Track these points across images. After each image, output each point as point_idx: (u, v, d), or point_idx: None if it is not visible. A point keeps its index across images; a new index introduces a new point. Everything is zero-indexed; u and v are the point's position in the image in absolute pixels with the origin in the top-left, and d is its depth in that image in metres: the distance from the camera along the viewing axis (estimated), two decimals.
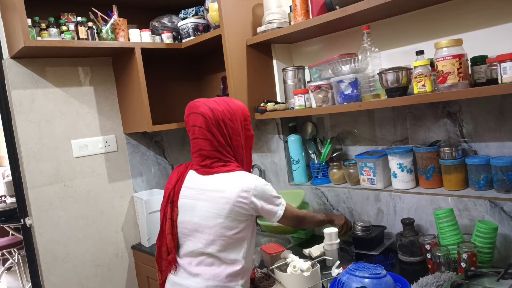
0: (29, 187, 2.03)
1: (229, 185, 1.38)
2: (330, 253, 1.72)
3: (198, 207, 1.42)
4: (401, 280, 1.34)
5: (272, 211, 1.44)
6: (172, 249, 1.45)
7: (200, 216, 1.41)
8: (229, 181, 1.39)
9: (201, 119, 1.39)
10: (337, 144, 2.04)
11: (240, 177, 1.40)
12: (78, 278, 2.17)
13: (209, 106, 1.41)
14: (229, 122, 1.42)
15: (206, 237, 1.40)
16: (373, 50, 1.70)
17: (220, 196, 1.38)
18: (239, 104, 1.49)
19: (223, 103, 1.44)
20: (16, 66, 2.02)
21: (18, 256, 4.23)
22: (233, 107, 1.44)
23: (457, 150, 1.57)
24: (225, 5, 1.96)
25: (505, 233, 1.47)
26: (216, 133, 1.40)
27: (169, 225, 1.46)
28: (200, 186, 1.43)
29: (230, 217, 1.37)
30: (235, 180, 1.39)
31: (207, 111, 1.39)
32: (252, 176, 1.42)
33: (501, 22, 1.45)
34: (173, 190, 1.48)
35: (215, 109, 1.40)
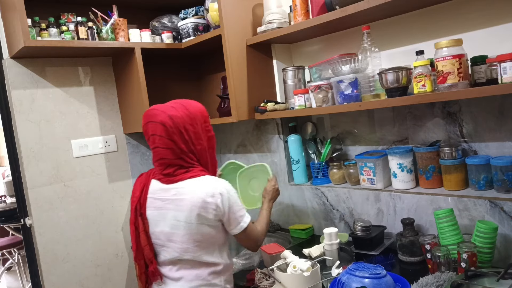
0: (29, 187, 2.03)
1: (194, 191, 1.37)
2: (330, 253, 1.72)
3: (167, 216, 1.40)
4: (401, 280, 1.34)
5: (236, 221, 1.43)
6: (152, 259, 1.44)
7: (170, 225, 1.40)
8: (194, 187, 1.37)
9: (161, 128, 1.36)
10: (337, 144, 2.04)
11: (205, 182, 1.39)
12: (78, 278, 2.17)
13: (168, 113, 1.37)
14: (190, 127, 1.39)
15: (179, 246, 1.40)
16: (373, 50, 1.70)
17: (187, 204, 1.36)
18: (198, 106, 1.46)
19: (182, 108, 1.41)
20: (16, 66, 2.02)
21: (18, 256, 4.23)
22: (192, 111, 1.42)
23: (457, 150, 1.57)
24: (225, 5, 1.97)
25: (505, 233, 1.47)
26: (178, 141, 1.37)
27: (144, 237, 1.44)
28: (165, 196, 1.41)
29: (199, 223, 1.37)
30: (200, 186, 1.37)
31: (166, 120, 1.36)
32: (218, 181, 1.41)
33: (501, 22, 1.45)
34: (139, 202, 1.46)
35: (174, 116, 1.37)
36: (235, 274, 1.77)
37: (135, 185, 1.52)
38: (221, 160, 2.70)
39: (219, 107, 2.32)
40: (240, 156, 2.54)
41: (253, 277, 1.66)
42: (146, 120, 1.41)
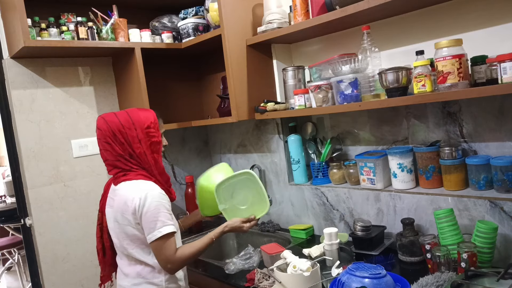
0: (29, 187, 2.03)
1: (123, 193, 1.46)
2: (330, 253, 1.72)
3: (111, 215, 1.52)
4: (401, 280, 1.34)
5: (148, 228, 1.42)
6: (99, 251, 1.62)
7: (113, 223, 1.52)
8: (124, 189, 1.47)
9: (98, 132, 1.49)
10: (337, 144, 2.04)
11: (133, 185, 1.46)
12: (78, 278, 2.17)
13: (105, 119, 1.49)
14: (126, 130, 1.47)
15: (122, 242, 1.51)
16: (373, 50, 1.70)
17: (117, 204, 1.48)
18: (143, 114, 1.52)
19: (122, 114, 1.51)
20: (16, 66, 2.02)
21: (18, 256, 4.23)
22: (133, 116, 1.50)
23: (457, 150, 1.57)
24: (225, 5, 1.96)
25: (505, 233, 1.47)
26: (112, 143, 1.47)
27: (98, 230, 1.62)
28: (112, 196, 1.54)
29: (125, 224, 1.47)
30: (128, 189, 1.46)
31: (102, 124, 1.48)
32: (145, 185, 1.46)
33: (501, 22, 1.45)
34: (102, 200, 1.62)
35: (109, 121, 1.48)
36: (235, 274, 1.77)
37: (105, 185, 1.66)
38: (221, 160, 2.70)
39: (219, 107, 2.32)
40: (240, 156, 2.54)
41: (253, 277, 1.66)
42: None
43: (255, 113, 2.07)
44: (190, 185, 2.52)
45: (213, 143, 2.75)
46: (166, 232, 1.41)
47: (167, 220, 1.43)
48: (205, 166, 2.77)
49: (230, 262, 1.84)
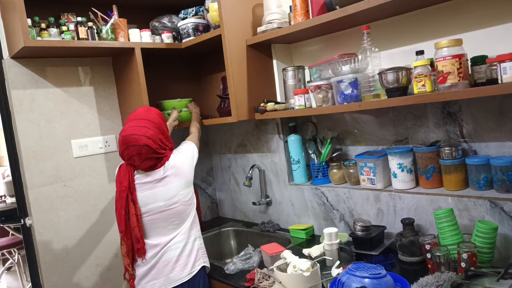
0: (29, 187, 2.03)
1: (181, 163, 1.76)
2: (330, 253, 1.72)
3: (159, 194, 1.70)
4: (401, 280, 1.34)
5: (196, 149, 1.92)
6: (140, 238, 1.68)
7: (164, 198, 1.70)
8: (175, 162, 1.74)
9: (146, 149, 1.65)
10: (337, 144, 2.04)
11: (181, 153, 1.81)
12: (78, 278, 2.17)
13: (145, 136, 1.65)
14: (162, 136, 1.73)
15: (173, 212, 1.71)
16: (373, 50, 1.70)
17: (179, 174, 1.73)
18: (156, 114, 1.77)
19: (150, 124, 1.70)
20: (16, 66, 2.02)
21: (18, 256, 4.23)
22: (157, 123, 1.74)
23: (457, 150, 1.57)
24: (225, 5, 1.97)
25: (505, 233, 1.47)
26: (159, 151, 1.70)
27: (134, 219, 1.68)
28: (154, 177, 1.71)
29: (188, 186, 1.77)
30: (180, 157, 1.78)
31: (147, 141, 1.65)
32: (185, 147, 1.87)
33: (501, 22, 1.45)
34: (129, 191, 1.70)
35: (151, 136, 1.67)
36: (235, 274, 1.78)
37: (119, 176, 1.75)
38: (221, 161, 2.70)
39: (219, 107, 2.32)
40: (240, 156, 2.54)
41: (253, 277, 1.66)
42: (126, 145, 1.66)
43: (255, 113, 2.07)
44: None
45: (213, 143, 2.75)
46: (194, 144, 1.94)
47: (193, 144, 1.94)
48: (205, 166, 2.77)
49: (230, 262, 1.84)
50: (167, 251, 1.70)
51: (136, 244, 1.69)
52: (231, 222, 2.62)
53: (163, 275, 1.69)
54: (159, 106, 2.38)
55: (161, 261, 1.70)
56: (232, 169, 2.63)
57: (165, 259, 1.70)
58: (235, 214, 2.68)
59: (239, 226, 2.52)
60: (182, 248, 1.72)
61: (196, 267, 1.74)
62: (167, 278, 1.68)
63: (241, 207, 2.62)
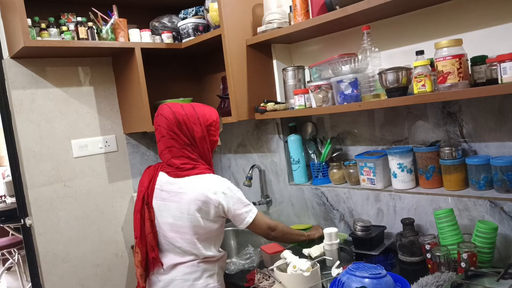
0: (29, 187, 2.04)
1: (198, 186, 1.49)
2: (330, 253, 1.72)
3: (171, 208, 1.52)
4: (401, 280, 1.34)
5: (241, 217, 1.55)
6: (154, 247, 1.54)
7: (173, 216, 1.52)
8: (199, 183, 1.50)
9: (164, 120, 1.52)
10: (337, 144, 2.04)
11: (209, 179, 1.52)
12: (78, 278, 2.17)
13: (172, 109, 1.53)
14: (190, 124, 1.52)
15: (180, 236, 1.52)
16: (373, 50, 1.70)
17: (190, 197, 1.49)
18: (207, 110, 1.58)
19: (189, 107, 1.55)
20: (16, 66, 2.02)
21: (18, 256, 4.23)
22: (198, 112, 1.55)
23: (457, 150, 1.57)
24: (225, 5, 1.96)
25: (505, 233, 1.47)
26: (179, 133, 1.51)
27: (149, 225, 1.54)
28: (172, 188, 1.53)
29: (200, 217, 1.50)
30: (204, 182, 1.50)
31: (169, 114, 1.52)
32: (222, 179, 1.54)
33: (501, 22, 1.45)
34: (147, 192, 1.57)
35: (176, 112, 1.52)
36: (235, 274, 1.78)
37: (143, 176, 1.63)
38: (221, 161, 2.70)
39: (219, 107, 2.32)
40: (240, 156, 2.54)
41: (253, 277, 1.66)
42: (157, 113, 1.56)
43: (255, 113, 2.07)
44: None
45: None
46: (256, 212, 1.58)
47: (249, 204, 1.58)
48: None
49: (230, 262, 1.84)
50: (175, 280, 1.53)
51: (151, 253, 1.53)
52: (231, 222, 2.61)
53: None
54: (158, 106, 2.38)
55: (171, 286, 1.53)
56: (232, 169, 2.63)
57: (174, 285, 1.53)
58: None
59: None
60: (192, 282, 1.52)
61: None
62: None
63: None
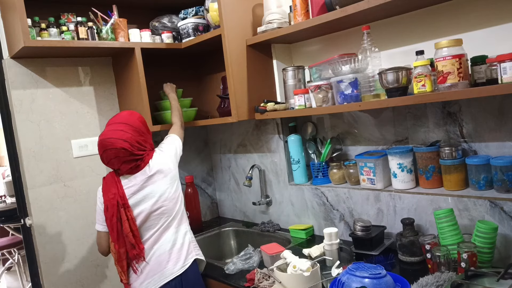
0: (29, 187, 2.03)
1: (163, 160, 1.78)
2: (330, 253, 1.72)
3: (149, 194, 1.71)
4: (401, 280, 1.34)
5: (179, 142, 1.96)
6: (135, 244, 1.68)
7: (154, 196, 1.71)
8: (159, 160, 1.77)
9: (123, 152, 1.66)
10: (337, 144, 2.04)
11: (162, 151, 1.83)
12: (78, 278, 2.17)
13: (122, 139, 1.66)
14: (140, 137, 1.74)
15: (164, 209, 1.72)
16: (373, 50, 1.70)
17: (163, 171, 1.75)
18: (135, 117, 1.77)
19: (128, 128, 1.71)
20: (16, 66, 2.02)
21: (18, 256, 4.23)
22: (135, 126, 1.73)
23: (457, 150, 1.57)
24: (225, 5, 1.96)
25: (505, 233, 1.47)
26: (137, 153, 1.70)
27: (127, 225, 1.67)
28: (141, 178, 1.72)
29: (174, 180, 1.79)
30: (162, 154, 1.80)
31: (123, 144, 1.66)
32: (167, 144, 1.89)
33: (501, 22, 1.45)
34: (118, 196, 1.69)
35: (128, 139, 1.68)
36: (235, 274, 1.78)
37: (105, 187, 1.74)
38: (221, 161, 2.70)
39: (219, 107, 2.32)
40: (240, 156, 2.54)
41: (253, 277, 1.66)
42: (104, 148, 1.67)
43: (255, 113, 2.07)
44: (190, 185, 2.53)
45: (213, 143, 2.75)
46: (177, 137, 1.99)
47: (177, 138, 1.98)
48: (205, 166, 2.77)
49: (230, 262, 1.84)
50: (160, 248, 1.71)
51: (132, 250, 1.68)
52: (231, 222, 2.62)
53: (157, 272, 1.69)
54: (158, 106, 2.38)
55: (154, 259, 1.70)
56: (232, 169, 2.63)
57: (158, 256, 1.70)
58: (235, 214, 2.68)
59: (239, 226, 2.52)
60: (173, 243, 1.73)
61: (188, 260, 1.74)
62: (161, 274, 1.69)
63: (241, 207, 2.62)
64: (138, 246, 1.68)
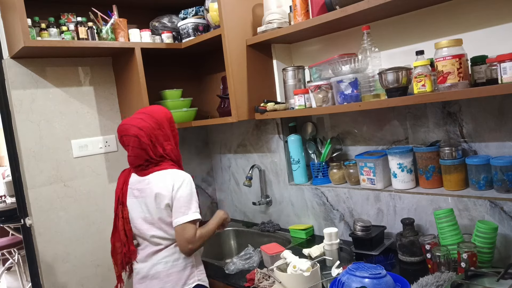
0: (29, 187, 2.03)
1: (161, 180, 1.60)
2: (330, 253, 1.72)
3: (142, 203, 1.63)
4: (401, 280, 1.34)
5: (180, 210, 1.58)
6: (126, 242, 1.67)
7: (145, 210, 1.63)
8: (161, 178, 1.61)
9: (134, 139, 1.59)
10: (337, 144, 2.04)
11: (169, 173, 1.62)
12: (78, 278, 2.17)
13: (137, 126, 1.60)
14: (158, 132, 1.63)
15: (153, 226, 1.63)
16: (373, 50, 1.70)
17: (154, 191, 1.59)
18: (162, 111, 1.68)
19: (148, 118, 1.63)
20: (16, 66, 2.02)
21: (18, 256, 4.23)
22: (158, 118, 1.65)
23: (457, 150, 1.57)
24: (225, 5, 1.96)
25: (505, 233, 1.47)
26: (148, 150, 1.61)
27: (121, 222, 1.67)
28: (141, 186, 1.65)
29: (164, 208, 1.60)
30: (166, 176, 1.61)
31: (138, 132, 1.59)
32: (181, 174, 1.63)
33: (501, 22, 1.45)
34: (121, 192, 1.69)
35: (144, 127, 1.60)
36: (235, 274, 1.78)
37: (119, 179, 1.75)
38: (221, 161, 2.70)
39: (219, 107, 2.32)
40: (240, 156, 2.54)
41: (253, 277, 1.66)
42: (120, 134, 1.64)
43: (255, 113, 2.07)
44: None
45: (213, 143, 2.75)
46: (195, 218, 1.59)
47: (197, 207, 1.61)
48: (205, 166, 2.77)
49: (230, 262, 1.84)
50: (157, 264, 1.63)
51: (123, 248, 1.68)
52: (231, 222, 2.62)
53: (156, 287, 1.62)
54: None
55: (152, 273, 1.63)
56: (232, 169, 2.63)
57: (155, 271, 1.63)
58: (235, 214, 2.68)
59: (239, 226, 2.52)
60: (172, 263, 1.63)
61: (189, 285, 1.63)
62: None
63: (241, 207, 2.62)
64: (128, 246, 1.67)
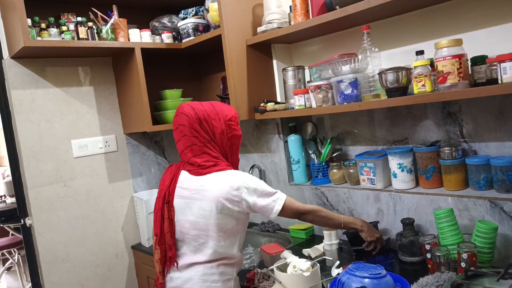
0: (29, 187, 2.04)
1: (221, 183, 1.45)
2: (330, 253, 1.72)
3: (193, 206, 1.48)
4: (401, 280, 1.34)
5: (268, 207, 1.49)
6: (172, 246, 1.51)
7: (196, 214, 1.47)
8: (221, 179, 1.46)
9: (185, 118, 1.49)
10: (337, 144, 2.04)
11: (231, 175, 1.48)
12: (78, 278, 2.17)
13: (192, 106, 1.51)
14: (211, 120, 1.50)
15: (203, 233, 1.47)
16: (373, 50, 1.70)
17: (213, 195, 1.44)
18: (226, 107, 1.56)
19: (208, 105, 1.54)
20: (16, 66, 2.02)
21: (18, 256, 4.23)
22: (217, 108, 1.53)
23: (457, 150, 1.57)
24: (225, 5, 1.96)
25: (505, 233, 1.47)
26: (200, 130, 1.49)
27: (167, 224, 1.51)
28: (194, 186, 1.50)
29: (224, 214, 1.45)
30: (227, 179, 1.46)
31: (189, 111, 1.50)
32: (243, 174, 1.49)
33: (501, 22, 1.45)
34: (168, 190, 1.54)
35: (196, 108, 1.51)
36: None
37: (165, 174, 1.61)
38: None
39: None
40: (240, 156, 2.54)
41: (253, 277, 1.66)
42: (176, 113, 1.54)
43: (255, 113, 2.07)
44: None
45: None
46: (285, 197, 1.52)
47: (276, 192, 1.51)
48: None
49: None
50: (193, 279, 1.48)
51: (169, 252, 1.51)
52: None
53: None
54: (158, 106, 2.38)
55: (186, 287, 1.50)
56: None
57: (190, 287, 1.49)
58: None
59: None
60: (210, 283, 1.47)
61: None
62: None
63: None
64: (173, 248, 1.51)
